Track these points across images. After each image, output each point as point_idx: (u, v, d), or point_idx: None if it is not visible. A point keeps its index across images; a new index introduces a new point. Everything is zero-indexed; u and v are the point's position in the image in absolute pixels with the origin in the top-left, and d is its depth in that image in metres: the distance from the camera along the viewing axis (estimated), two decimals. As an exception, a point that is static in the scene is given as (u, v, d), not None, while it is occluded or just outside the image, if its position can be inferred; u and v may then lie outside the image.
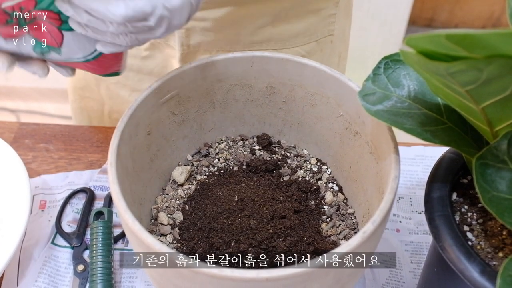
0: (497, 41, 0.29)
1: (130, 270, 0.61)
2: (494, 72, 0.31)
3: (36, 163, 0.72)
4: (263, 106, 0.60)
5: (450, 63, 0.31)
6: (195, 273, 0.38)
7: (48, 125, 0.78)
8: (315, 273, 0.38)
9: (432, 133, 0.42)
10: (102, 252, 0.59)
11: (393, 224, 0.65)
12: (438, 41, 0.30)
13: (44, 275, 0.60)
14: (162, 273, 0.42)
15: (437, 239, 0.42)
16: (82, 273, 0.60)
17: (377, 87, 0.45)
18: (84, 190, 0.68)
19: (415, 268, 0.61)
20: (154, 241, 0.39)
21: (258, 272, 0.37)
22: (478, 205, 0.45)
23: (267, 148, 0.62)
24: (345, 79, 0.52)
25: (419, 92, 0.44)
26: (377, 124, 0.49)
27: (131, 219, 0.41)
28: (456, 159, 0.47)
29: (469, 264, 0.39)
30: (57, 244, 0.63)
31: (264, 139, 0.62)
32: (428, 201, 0.44)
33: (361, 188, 0.54)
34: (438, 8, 1.92)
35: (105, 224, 0.62)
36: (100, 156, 0.73)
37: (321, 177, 0.59)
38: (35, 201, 0.67)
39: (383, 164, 0.48)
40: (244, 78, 0.57)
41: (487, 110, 0.36)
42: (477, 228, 0.43)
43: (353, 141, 0.55)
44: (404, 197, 0.69)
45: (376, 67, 0.46)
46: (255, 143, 0.62)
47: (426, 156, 0.73)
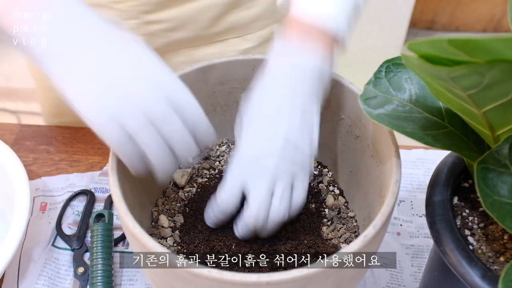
0: (499, 46, 0.29)
1: (130, 273, 0.61)
2: (496, 76, 0.31)
3: (37, 165, 0.72)
4: (264, 109, 0.60)
5: (452, 68, 0.31)
6: (196, 276, 0.38)
7: (49, 127, 0.78)
8: (315, 277, 0.38)
9: (434, 137, 0.42)
10: (103, 254, 0.59)
11: (394, 227, 0.65)
12: (440, 45, 0.30)
13: (44, 277, 0.60)
14: (162, 276, 0.42)
15: (438, 243, 0.42)
16: (82, 276, 0.60)
17: (378, 91, 0.45)
18: (84, 192, 0.68)
19: (415, 272, 0.61)
20: (154, 244, 0.39)
21: (259, 276, 0.37)
22: (479, 209, 0.45)
23: (268, 151, 0.62)
24: (346, 82, 0.52)
25: (420, 96, 0.44)
26: (378, 128, 0.49)
27: (131, 222, 0.41)
28: (457, 163, 0.47)
29: (470, 268, 0.39)
30: (57, 246, 0.63)
31: (265, 142, 0.62)
32: (429, 205, 0.44)
33: (362, 192, 0.54)
34: (439, 11, 1.92)
35: (106, 226, 0.61)
36: (101, 158, 0.73)
37: (322, 180, 0.59)
38: (36, 203, 0.67)
39: (384, 167, 0.48)
40: (245, 81, 0.57)
41: (489, 114, 0.36)
42: (478, 233, 0.43)
43: (354, 145, 0.55)
44: (405, 201, 0.69)
45: (378, 71, 0.46)
46: (256, 146, 0.62)
47: (427, 160, 0.73)
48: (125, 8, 0.65)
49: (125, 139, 0.42)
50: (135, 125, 0.41)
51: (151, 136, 0.42)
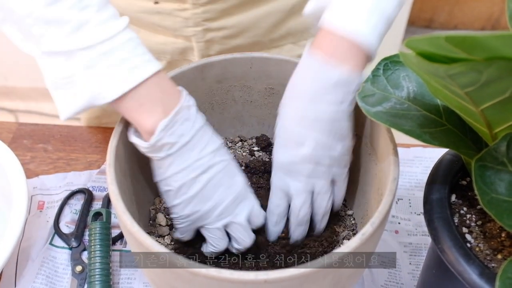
0: (497, 43, 0.29)
1: (128, 271, 0.61)
2: (494, 74, 0.31)
3: (35, 164, 0.72)
4: (262, 107, 0.60)
5: (450, 65, 0.31)
6: (194, 275, 0.38)
7: (46, 125, 0.78)
8: (313, 275, 0.38)
9: (431, 135, 0.42)
10: (100, 253, 0.59)
11: (392, 225, 0.65)
12: (438, 43, 0.30)
13: (42, 276, 0.59)
14: (161, 274, 0.42)
15: (436, 241, 0.42)
16: (80, 274, 0.60)
17: (376, 89, 0.45)
18: (82, 190, 0.68)
19: (413, 270, 0.61)
20: (152, 243, 0.39)
21: (257, 274, 0.37)
22: (477, 207, 0.45)
23: (266, 149, 0.62)
24: (344, 80, 0.52)
25: (418, 93, 0.44)
26: (376, 126, 0.49)
27: (129, 220, 0.41)
28: (455, 160, 0.47)
29: (468, 266, 0.39)
30: (55, 245, 0.63)
31: (263, 140, 0.62)
32: (427, 203, 0.44)
33: (360, 190, 0.54)
34: (438, 9, 1.92)
35: (104, 225, 0.61)
36: (99, 156, 0.73)
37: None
38: (33, 202, 0.67)
39: (382, 165, 0.48)
40: (243, 79, 0.57)
41: (487, 112, 0.36)
42: (476, 230, 0.43)
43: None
44: (403, 198, 0.69)
45: (376, 69, 0.46)
46: (254, 144, 0.62)
47: (425, 157, 0.73)
48: (188, 16, 0.65)
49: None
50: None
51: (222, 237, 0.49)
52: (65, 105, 0.44)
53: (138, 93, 0.43)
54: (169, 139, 0.44)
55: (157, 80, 0.44)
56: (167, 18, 0.66)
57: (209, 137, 0.46)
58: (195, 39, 0.68)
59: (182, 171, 0.45)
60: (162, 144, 0.44)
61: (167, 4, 0.65)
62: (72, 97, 0.43)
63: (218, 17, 0.66)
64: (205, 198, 0.46)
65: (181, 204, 0.47)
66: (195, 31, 0.67)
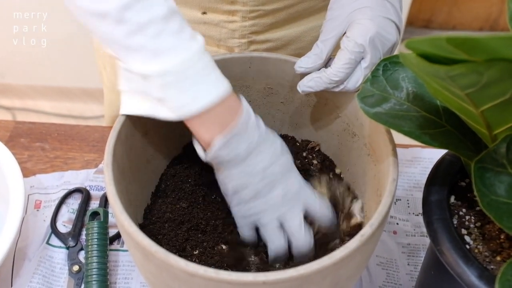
0: (497, 44, 0.29)
1: (125, 271, 0.60)
2: (494, 75, 0.31)
3: (32, 162, 0.72)
4: (261, 107, 0.60)
5: (450, 66, 0.31)
6: (191, 275, 0.38)
7: (44, 124, 0.77)
8: (312, 276, 0.38)
9: (431, 136, 0.42)
10: (98, 252, 0.59)
11: (390, 226, 0.65)
12: (439, 44, 0.30)
13: (38, 275, 0.59)
14: (158, 275, 0.41)
15: (435, 242, 0.41)
16: (77, 274, 0.59)
17: (375, 89, 0.45)
18: (79, 190, 0.67)
19: (412, 271, 0.61)
20: (150, 243, 0.39)
21: (255, 275, 0.37)
22: (476, 209, 0.45)
23: (265, 149, 0.61)
24: (343, 81, 0.52)
25: (418, 94, 0.44)
26: (375, 126, 0.49)
27: (127, 220, 0.41)
28: (454, 161, 0.46)
29: (467, 268, 0.39)
30: (52, 245, 0.63)
31: (262, 140, 0.61)
32: (426, 204, 0.44)
33: (359, 190, 0.54)
34: (436, 9, 1.92)
35: (101, 224, 0.61)
36: (96, 155, 0.73)
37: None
38: (30, 201, 0.67)
39: (381, 166, 0.48)
40: (242, 79, 0.57)
41: (487, 113, 0.36)
42: (475, 232, 0.43)
43: (351, 143, 0.55)
44: (402, 199, 0.68)
45: (375, 69, 0.45)
46: (252, 144, 0.62)
47: (423, 158, 0.73)
48: (236, 28, 0.65)
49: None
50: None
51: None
52: (131, 106, 0.47)
53: (202, 112, 0.44)
54: (225, 157, 0.45)
55: (222, 99, 0.45)
56: (213, 28, 0.66)
57: (267, 147, 0.47)
58: (238, 50, 0.68)
59: (238, 183, 0.47)
60: (219, 162, 0.46)
61: (214, 15, 0.64)
62: (141, 102, 0.46)
63: (265, 30, 0.66)
64: (260, 197, 0.47)
65: (238, 206, 0.48)
66: (240, 43, 0.67)
